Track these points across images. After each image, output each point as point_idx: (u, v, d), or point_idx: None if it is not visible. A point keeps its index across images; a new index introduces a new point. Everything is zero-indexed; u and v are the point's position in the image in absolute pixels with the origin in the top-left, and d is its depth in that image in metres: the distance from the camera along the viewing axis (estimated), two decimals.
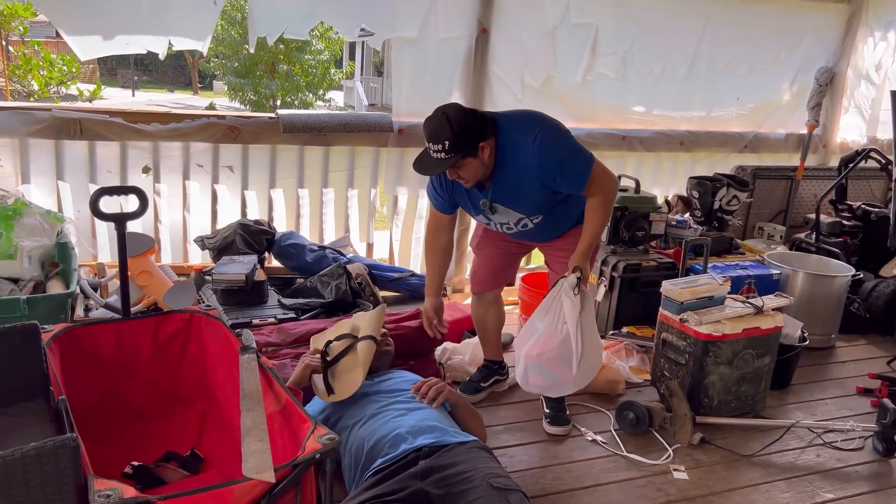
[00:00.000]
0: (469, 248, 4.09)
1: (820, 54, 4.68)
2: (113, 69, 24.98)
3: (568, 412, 2.83)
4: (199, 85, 24.91)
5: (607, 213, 2.46)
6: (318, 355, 2.30)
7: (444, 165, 2.26)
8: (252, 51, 4.69)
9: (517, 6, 3.71)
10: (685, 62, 4.31)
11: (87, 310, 2.90)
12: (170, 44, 3.26)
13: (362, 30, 3.62)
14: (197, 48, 3.35)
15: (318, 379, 2.27)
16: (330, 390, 2.22)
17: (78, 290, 2.79)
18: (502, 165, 2.35)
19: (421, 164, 2.33)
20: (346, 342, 2.33)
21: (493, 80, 3.75)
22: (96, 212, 2.07)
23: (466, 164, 2.28)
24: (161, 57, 3.37)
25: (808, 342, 3.24)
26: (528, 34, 3.82)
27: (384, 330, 2.62)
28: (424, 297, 2.73)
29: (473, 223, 4.05)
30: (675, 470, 2.53)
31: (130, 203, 3.02)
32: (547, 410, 2.81)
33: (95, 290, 2.99)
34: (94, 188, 3.32)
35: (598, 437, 2.72)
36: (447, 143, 2.20)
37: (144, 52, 3.27)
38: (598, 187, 2.39)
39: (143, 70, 25.61)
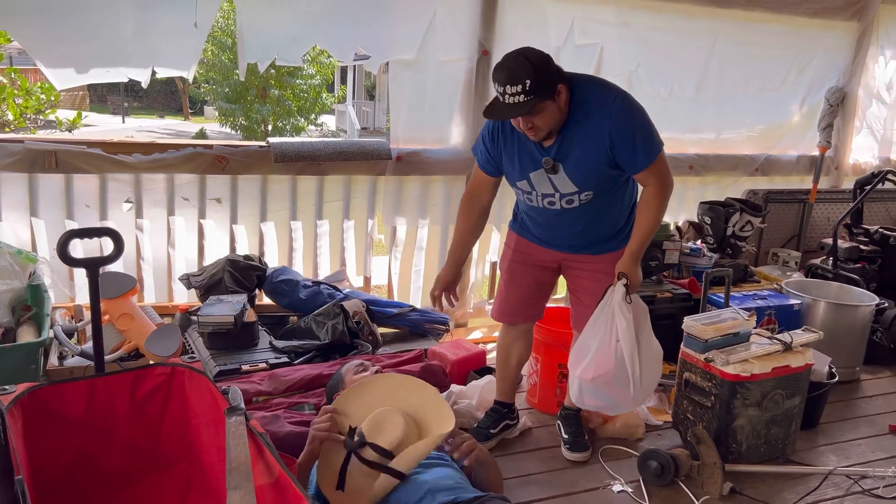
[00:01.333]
0: (473, 278, 3.93)
1: (830, 74, 4.55)
2: (103, 96, 24.87)
3: (587, 437, 2.72)
4: (191, 110, 24.81)
5: (661, 210, 2.33)
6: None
7: (521, 109, 2.10)
8: (242, 78, 4.51)
9: (520, 27, 3.55)
10: (693, 83, 4.16)
11: (61, 357, 2.69)
12: (153, 71, 3.08)
13: (358, 54, 3.46)
14: (182, 75, 3.16)
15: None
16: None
17: (51, 337, 2.58)
18: (572, 119, 2.22)
19: (493, 111, 2.17)
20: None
21: None
22: (65, 257, 1.86)
23: (545, 109, 2.13)
24: (144, 85, 3.17)
25: (836, 378, 3.04)
26: None
27: (376, 368, 2.43)
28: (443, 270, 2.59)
29: (493, 245, 3.89)
30: None
31: (109, 242, 2.82)
32: (565, 436, 2.71)
33: (72, 335, 2.77)
34: (71, 224, 3.11)
35: (621, 489, 2.50)
36: (528, 83, 2.04)
37: (126, 80, 3.08)
38: (658, 175, 2.28)
39: (133, 96, 25.48)
